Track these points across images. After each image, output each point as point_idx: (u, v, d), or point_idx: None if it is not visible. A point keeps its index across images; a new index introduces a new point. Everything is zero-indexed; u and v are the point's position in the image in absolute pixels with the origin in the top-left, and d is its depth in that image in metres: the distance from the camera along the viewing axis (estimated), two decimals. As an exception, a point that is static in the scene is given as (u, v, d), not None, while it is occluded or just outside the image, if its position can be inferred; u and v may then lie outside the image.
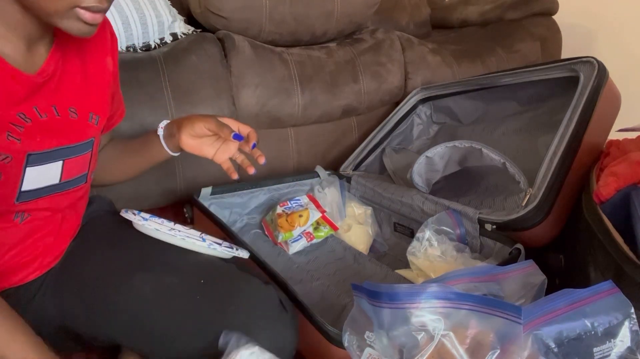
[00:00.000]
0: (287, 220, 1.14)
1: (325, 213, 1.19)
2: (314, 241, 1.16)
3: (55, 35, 0.67)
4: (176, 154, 0.85)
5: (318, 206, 1.20)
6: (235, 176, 0.83)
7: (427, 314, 0.57)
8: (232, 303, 0.68)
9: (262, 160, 0.80)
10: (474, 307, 0.57)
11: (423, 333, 0.57)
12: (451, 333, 0.57)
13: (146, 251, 0.76)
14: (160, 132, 0.83)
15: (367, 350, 0.63)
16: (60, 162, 0.69)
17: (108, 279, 0.73)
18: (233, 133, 0.78)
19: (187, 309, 0.69)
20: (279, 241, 1.15)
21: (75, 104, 0.70)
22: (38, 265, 0.74)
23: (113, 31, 0.79)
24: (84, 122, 0.72)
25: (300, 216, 1.14)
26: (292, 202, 1.19)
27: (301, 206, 1.19)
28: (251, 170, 0.83)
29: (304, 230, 1.14)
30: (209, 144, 0.82)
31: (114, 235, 0.82)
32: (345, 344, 0.66)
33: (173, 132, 0.82)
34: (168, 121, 0.85)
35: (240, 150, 0.85)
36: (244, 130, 0.82)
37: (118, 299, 0.71)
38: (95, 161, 0.77)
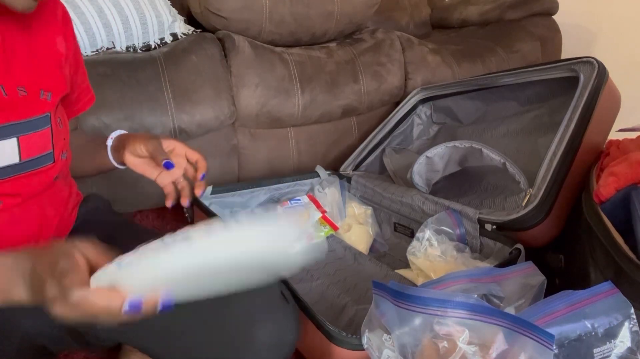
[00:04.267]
0: (287, 220, 1.14)
1: (325, 213, 1.19)
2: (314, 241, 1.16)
3: None
4: (122, 167, 0.83)
5: (318, 206, 1.20)
6: (169, 204, 0.79)
7: (453, 324, 0.57)
8: (234, 295, 0.68)
9: (198, 192, 0.78)
10: (504, 324, 0.56)
11: (445, 341, 0.57)
12: (475, 346, 0.56)
13: None
14: (109, 142, 0.81)
15: (386, 352, 0.63)
16: (14, 139, 0.66)
17: None
18: (164, 161, 0.75)
19: (189, 303, 0.69)
20: (279, 241, 1.15)
21: (23, 83, 0.68)
22: None
23: (68, 16, 0.77)
24: (34, 98, 0.70)
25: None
26: (292, 202, 1.19)
27: (301, 206, 1.19)
28: (184, 201, 0.79)
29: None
30: (153, 166, 0.80)
31: (111, 233, 0.82)
32: (365, 345, 0.66)
33: (119, 146, 0.80)
34: (122, 132, 0.83)
35: (185, 177, 0.82)
36: (192, 156, 0.79)
37: None
38: (62, 140, 0.75)
